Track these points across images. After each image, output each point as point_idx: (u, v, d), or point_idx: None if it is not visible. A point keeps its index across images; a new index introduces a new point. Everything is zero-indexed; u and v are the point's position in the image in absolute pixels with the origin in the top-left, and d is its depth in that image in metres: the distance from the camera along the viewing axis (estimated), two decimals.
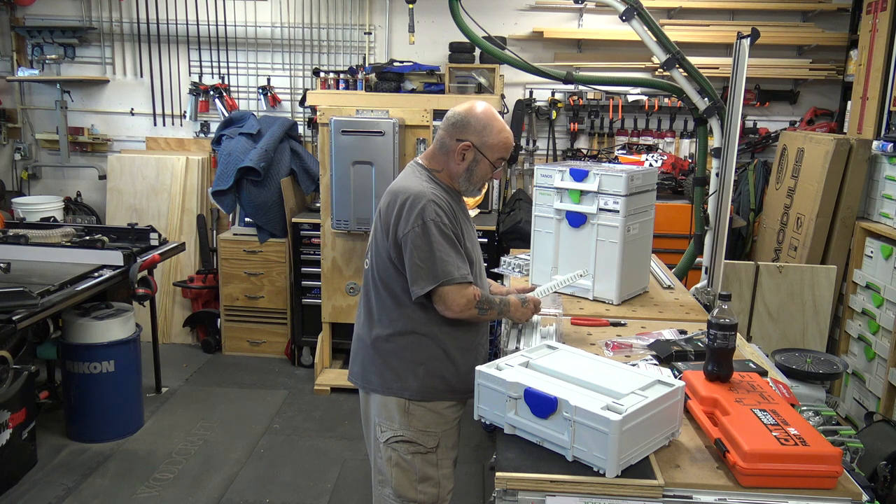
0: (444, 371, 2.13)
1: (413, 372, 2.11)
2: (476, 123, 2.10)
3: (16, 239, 3.72)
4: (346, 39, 5.16)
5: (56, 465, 3.48)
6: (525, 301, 2.27)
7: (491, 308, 2.13)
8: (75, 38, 5.22)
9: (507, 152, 2.15)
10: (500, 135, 2.11)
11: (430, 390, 2.13)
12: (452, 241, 2.04)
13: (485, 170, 2.13)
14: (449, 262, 2.02)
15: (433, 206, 2.03)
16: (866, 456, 2.66)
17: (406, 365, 2.12)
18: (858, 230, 4.07)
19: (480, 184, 2.18)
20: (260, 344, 4.95)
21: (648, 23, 3.14)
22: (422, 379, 2.11)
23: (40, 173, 5.54)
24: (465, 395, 2.19)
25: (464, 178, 2.14)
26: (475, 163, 2.11)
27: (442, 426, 2.16)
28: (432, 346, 2.11)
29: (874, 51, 4.25)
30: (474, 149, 2.10)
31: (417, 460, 2.13)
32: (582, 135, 5.11)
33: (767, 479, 1.51)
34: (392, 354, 2.13)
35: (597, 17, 4.98)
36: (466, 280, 2.04)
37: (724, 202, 3.05)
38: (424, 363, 2.11)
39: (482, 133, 2.09)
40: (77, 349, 3.60)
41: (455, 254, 2.04)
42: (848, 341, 4.18)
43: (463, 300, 2.04)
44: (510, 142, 2.14)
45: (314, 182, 4.91)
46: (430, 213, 2.02)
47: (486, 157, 2.11)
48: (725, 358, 1.86)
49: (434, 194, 2.06)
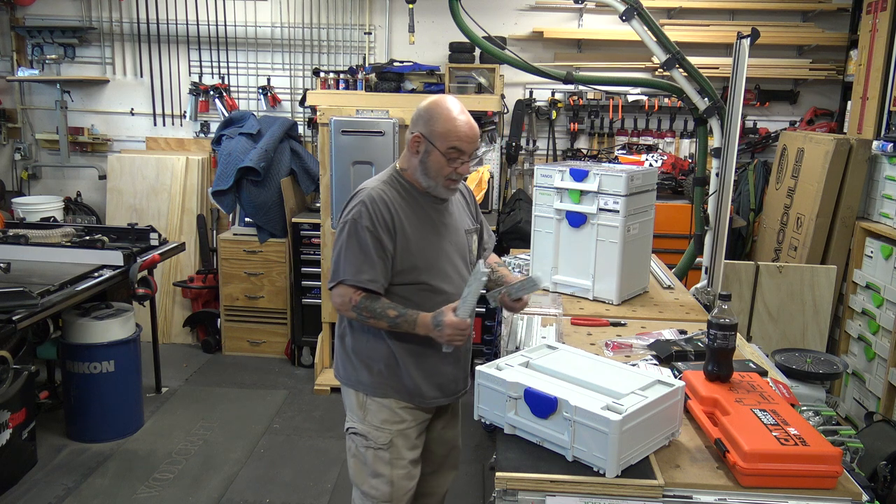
0: (396, 371, 2.12)
1: (367, 367, 2.13)
2: (425, 114, 2.05)
3: (16, 239, 3.72)
4: (346, 39, 5.16)
5: (56, 465, 3.48)
6: (439, 324, 1.96)
7: (373, 317, 2.02)
8: (75, 38, 5.22)
9: (457, 141, 2.02)
10: (447, 123, 2.02)
11: (383, 387, 2.13)
12: (364, 243, 2.00)
13: (437, 161, 2.04)
14: (349, 264, 2.01)
15: (361, 205, 2.02)
16: (866, 456, 2.66)
17: (361, 360, 2.14)
18: (858, 230, 4.07)
19: (441, 179, 2.07)
20: (260, 344, 4.95)
21: (648, 23, 3.14)
22: (376, 375, 2.13)
23: (40, 173, 5.54)
24: (419, 400, 2.14)
25: (420, 171, 2.08)
26: (427, 154, 2.05)
27: (397, 425, 2.14)
28: (382, 345, 2.11)
29: (874, 51, 4.25)
30: (425, 140, 2.04)
31: (370, 455, 2.14)
32: (582, 135, 5.11)
33: (767, 479, 1.51)
34: (350, 348, 2.17)
35: (597, 17, 4.98)
36: (361, 286, 2.00)
37: (724, 202, 3.05)
38: (378, 361, 2.12)
39: (429, 122, 2.03)
40: (77, 349, 3.60)
41: (360, 256, 2.00)
42: (848, 341, 4.18)
43: (339, 299, 2.04)
44: (459, 130, 2.02)
45: (314, 182, 4.91)
46: (355, 211, 2.03)
47: (436, 146, 2.02)
48: (725, 358, 1.86)
49: (374, 192, 2.04)
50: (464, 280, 2.12)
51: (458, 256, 2.18)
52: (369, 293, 2.02)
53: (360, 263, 2.01)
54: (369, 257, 2.01)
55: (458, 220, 2.21)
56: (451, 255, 2.15)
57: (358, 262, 2.01)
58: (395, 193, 2.08)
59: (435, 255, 2.11)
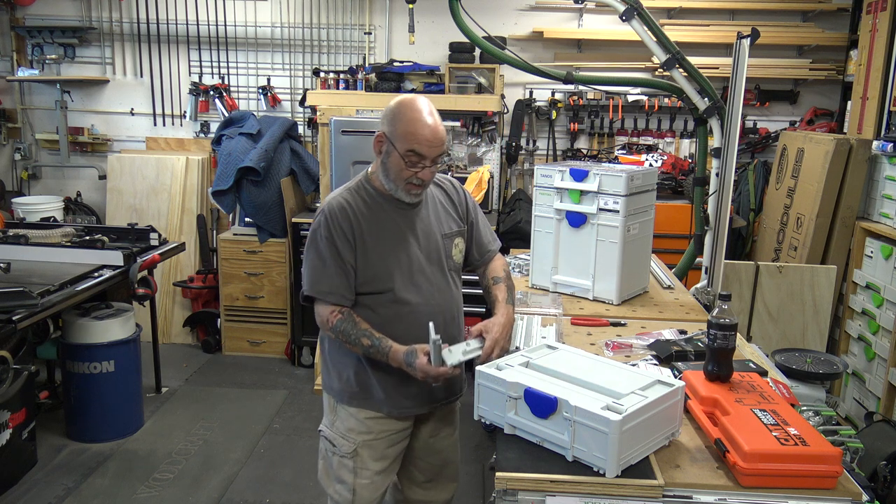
0: (365, 381, 2.07)
1: (339, 374, 2.10)
2: (388, 113, 1.97)
3: (16, 239, 3.72)
4: (346, 39, 5.16)
5: (56, 465, 3.48)
6: (411, 365, 1.90)
7: (348, 342, 1.98)
8: (75, 38, 5.22)
9: (416, 143, 1.91)
10: (409, 124, 1.91)
11: (352, 396, 2.09)
12: (321, 255, 1.97)
13: (396, 163, 1.95)
14: (315, 276, 1.98)
15: (321, 215, 1.99)
16: (866, 456, 2.66)
17: (335, 366, 2.12)
18: (858, 230, 4.07)
19: (401, 182, 1.97)
20: (260, 344, 4.95)
21: (648, 23, 3.14)
22: (345, 383, 2.09)
23: (40, 173, 5.54)
24: (389, 410, 2.08)
25: (381, 172, 2.00)
26: (387, 155, 1.97)
27: (363, 435, 2.09)
28: (352, 354, 2.05)
29: (874, 51, 4.25)
30: (387, 140, 1.96)
31: (335, 461, 2.13)
32: (582, 135, 5.11)
33: (767, 479, 1.51)
34: (328, 353, 2.14)
35: (597, 17, 4.98)
36: (323, 297, 1.97)
37: (724, 202, 3.05)
38: (349, 368, 2.08)
39: (392, 121, 1.94)
40: (77, 349, 3.60)
41: (319, 268, 1.97)
42: (848, 341, 4.18)
43: (318, 318, 2.01)
44: (420, 133, 1.90)
45: (314, 182, 4.91)
46: (315, 222, 2.00)
47: (395, 147, 1.93)
48: (725, 358, 1.85)
49: (334, 202, 1.99)
50: (438, 289, 2.06)
51: (430, 264, 2.07)
52: (346, 316, 1.97)
53: (317, 275, 1.98)
54: (326, 268, 1.97)
55: (432, 225, 2.10)
56: (420, 263, 2.04)
57: (315, 273, 1.98)
58: (359, 200, 2.01)
59: (399, 263, 2.01)
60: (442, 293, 2.09)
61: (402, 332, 1.98)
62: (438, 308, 2.07)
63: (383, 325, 1.98)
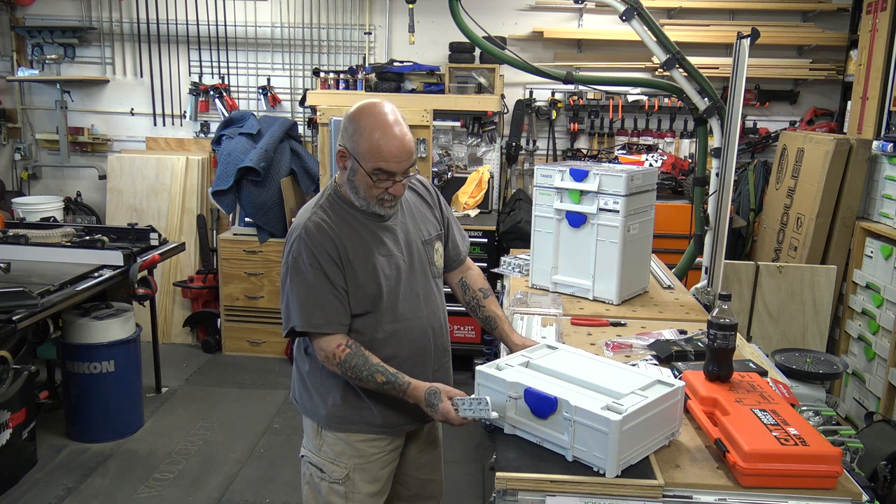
0: (356, 404, 1.93)
1: (324, 399, 1.95)
2: (350, 125, 1.80)
3: (16, 239, 3.72)
4: (346, 39, 5.16)
5: (56, 465, 3.48)
6: (433, 406, 1.76)
7: (359, 379, 1.82)
8: (75, 38, 5.22)
9: (382, 161, 1.76)
10: (370, 138, 1.76)
11: (341, 420, 1.94)
12: (309, 283, 1.80)
13: (364, 181, 1.80)
14: (297, 309, 1.81)
15: (299, 240, 1.82)
16: (866, 456, 2.66)
17: (318, 390, 1.96)
18: (858, 230, 4.07)
19: (372, 199, 1.83)
20: (260, 344, 4.95)
21: (648, 23, 3.14)
22: (331, 408, 1.94)
23: (40, 173, 5.54)
24: (385, 430, 1.97)
25: (349, 189, 1.85)
26: (353, 172, 1.82)
27: (354, 459, 1.96)
28: (341, 378, 1.89)
29: (874, 51, 4.25)
30: (350, 155, 1.80)
31: (324, 487, 1.99)
32: (582, 135, 5.11)
33: (767, 479, 1.51)
34: (308, 376, 1.98)
35: (597, 17, 4.98)
36: (319, 329, 1.81)
37: (724, 202, 3.05)
38: (335, 392, 1.93)
39: (353, 135, 1.78)
40: (77, 349, 3.60)
41: (309, 298, 1.80)
42: (848, 341, 4.18)
43: (322, 353, 1.83)
44: (385, 149, 1.75)
45: (314, 182, 4.91)
46: (294, 249, 1.82)
47: (361, 165, 1.78)
48: (725, 358, 1.85)
49: (310, 223, 1.82)
50: (425, 300, 1.96)
51: (415, 275, 1.96)
52: (355, 350, 1.82)
53: (309, 307, 1.80)
54: (318, 297, 1.80)
55: (411, 233, 1.97)
56: (406, 275, 1.93)
57: (307, 305, 1.80)
58: (334, 216, 1.86)
59: (387, 279, 1.88)
60: (429, 303, 1.99)
61: (394, 351, 1.90)
62: (428, 320, 1.99)
63: (374, 346, 1.87)
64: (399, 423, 1.99)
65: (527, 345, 2.02)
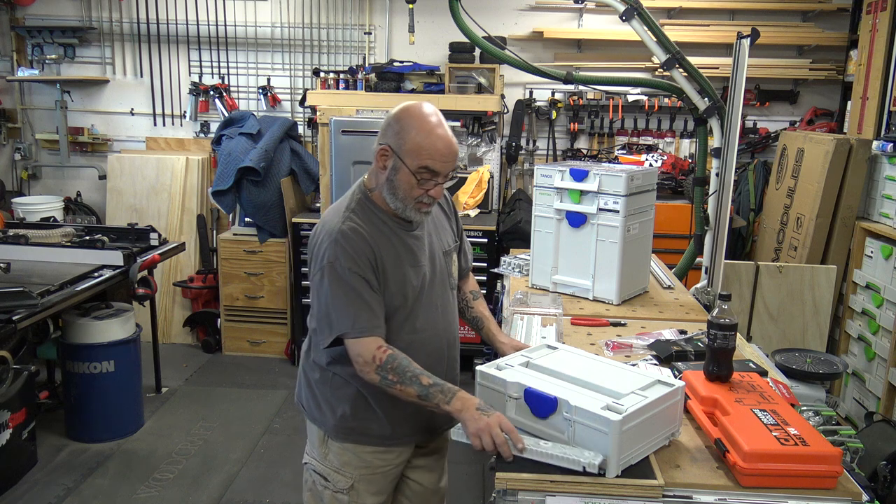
0: (366, 416, 1.89)
1: (332, 409, 1.90)
2: (395, 123, 1.76)
3: (16, 239, 3.72)
4: (346, 39, 5.16)
5: (56, 465, 3.48)
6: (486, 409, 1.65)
7: (405, 383, 1.71)
8: (75, 38, 5.22)
9: (429, 159, 1.73)
10: (419, 136, 1.73)
11: (349, 432, 1.90)
12: (351, 287, 1.74)
13: (407, 181, 1.76)
14: (342, 314, 1.74)
15: (336, 246, 1.75)
16: (866, 456, 2.66)
17: (327, 400, 1.92)
18: (858, 230, 4.07)
19: (410, 200, 1.79)
20: (260, 344, 4.95)
21: (648, 23, 3.14)
22: (340, 419, 1.89)
23: (40, 173, 5.54)
24: (394, 442, 1.93)
25: (387, 191, 1.80)
26: (394, 171, 1.76)
27: (360, 469, 1.92)
28: (353, 389, 1.86)
29: (874, 51, 4.25)
30: (393, 154, 1.76)
31: (327, 495, 1.95)
32: (582, 135, 5.11)
33: (767, 479, 1.51)
34: (317, 385, 1.94)
35: (597, 17, 4.98)
36: (365, 334, 1.74)
37: (724, 202, 3.05)
38: (344, 404, 1.88)
39: (400, 133, 1.74)
40: (77, 349, 3.60)
41: (354, 302, 1.74)
42: (848, 341, 4.18)
43: (360, 360, 1.75)
44: (435, 147, 1.73)
45: (314, 182, 4.91)
46: (330, 254, 1.75)
47: (405, 163, 1.74)
48: (725, 358, 1.85)
49: (345, 231, 1.76)
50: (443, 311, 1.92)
51: (437, 285, 1.93)
52: (395, 351, 1.75)
53: (353, 310, 1.74)
54: (363, 300, 1.75)
55: (434, 244, 1.95)
56: (431, 285, 1.90)
57: (351, 308, 1.74)
58: (366, 222, 1.80)
59: (414, 289, 1.85)
60: (446, 315, 1.97)
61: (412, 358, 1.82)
62: (444, 333, 1.96)
63: None
64: (409, 434, 1.96)
65: (513, 344, 2.03)
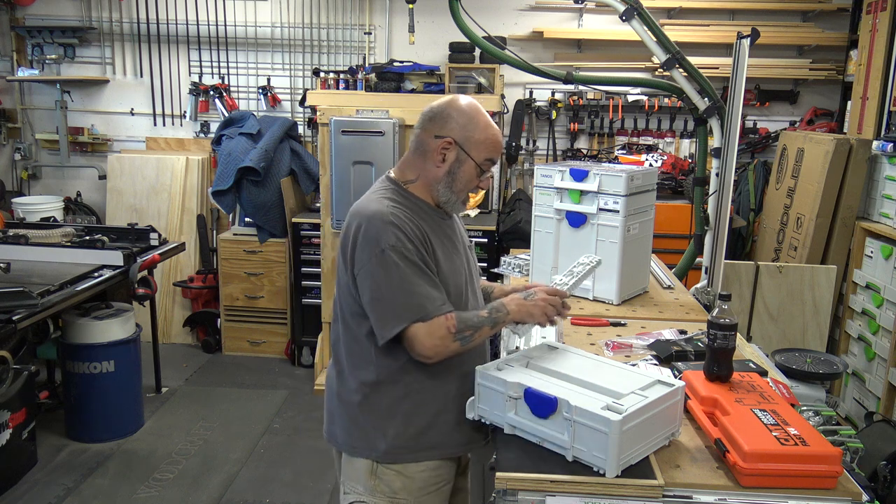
0: (421, 426, 1.80)
1: (383, 431, 1.79)
2: (459, 116, 1.78)
3: (16, 239, 3.72)
4: (346, 39, 5.16)
5: (56, 465, 3.48)
6: (529, 293, 1.83)
7: (478, 328, 1.74)
8: (75, 38, 5.22)
9: (496, 152, 1.82)
10: (487, 130, 1.79)
11: (402, 451, 1.80)
12: (420, 267, 1.71)
13: (469, 173, 1.79)
14: (421, 295, 1.69)
15: (392, 229, 1.69)
16: (866, 456, 2.66)
17: (375, 424, 1.80)
18: (858, 230, 4.07)
19: (464, 193, 1.83)
20: (260, 344, 4.95)
21: (648, 23, 3.14)
22: (392, 439, 1.79)
23: (40, 173, 5.54)
24: (452, 449, 1.87)
25: (444, 184, 1.80)
26: (458, 164, 1.78)
27: (415, 493, 1.82)
28: (407, 399, 1.79)
29: (874, 51, 4.25)
30: (457, 146, 1.77)
31: None
32: (582, 135, 5.11)
33: (767, 479, 1.51)
34: (361, 411, 1.81)
35: (597, 17, 4.98)
36: (442, 311, 1.70)
37: (724, 202, 3.05)
38: (397, 420, 1.79)
39: (466, 127, 1.77)
40: (77, 349, 3.60)
41: (427, 282, 1.71)
42: (848, 341, 4.18)
43: (436, 339, 1.69)
44: (499, 140, 1.83)
45: (314, 182, 4.91)
46: (390, 237, 1.68)
47: (471, 156, 1.78)
48: (725, 358, 1.85)
49: (394, 214, 1.71)
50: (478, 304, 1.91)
51: (473, 279, 1.93)
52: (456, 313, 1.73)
53: (430, 290, 1.70)
54: (431, 280, 1.72)
55: (463, 236, 1.97)
56: (469, 278, 1.90)
57: (428, 289, 1.70)
58: (406, 209, 1.77)
59: (459, 279, 1.85)
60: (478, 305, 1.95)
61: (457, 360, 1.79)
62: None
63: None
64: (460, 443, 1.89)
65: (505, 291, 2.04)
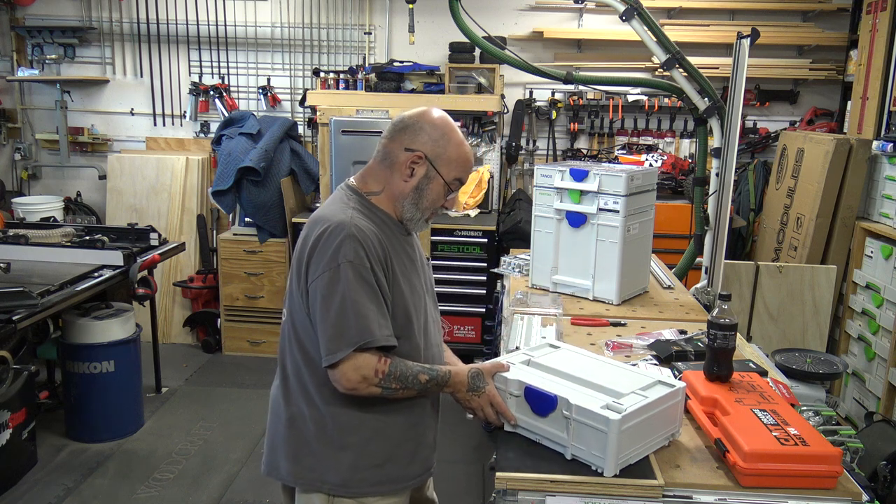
0: (378, 456, 1.69)
1: (338, 458, 1.67)
2: (432, 131, 1.67)
3: (16, 239, 3.72)
4: (346, 39, 5.16)
5: (56, 465, 3.48)
6: (477, 387, 1.68)
7: (407, 386, 1.61)
8: (75, 38, 5.22)
9: (465, 172, 1.72)
10: (460, 148, 1.69)
11: (359, 482, 1.68)
12: (374, 290, 1.59)
13: (437, 192, 1.69)
14: (369, 319, 1.56)
15: (353, 243, 1.57)
16: (866, 456, 2.66)
17: (327, 450, 1.68)
18: (858, 230, 4.07)
19: (429, 211, 1.72)
20: (260, 344, 4.95)
21: (648, 23, 3.14)
22: (345, 470, 1.67)
23: (40, 173, 5.54)
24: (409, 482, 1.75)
25: (410, 200, 1.69)
26: (426, 180, 1.68)
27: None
28: (363, 425, 1.67)
29: (874, 51, 4.25)
30: (427, 162, 1.67)
31: None
32: (582, 135, 5.11)
33: (767, 479, 1.51)
34: (315, 436, 1.68)
35: (597, 17, 4.98)
36: (388, 343, 1.59)
37: (724, 202, 3.05)
38: (352, 447, 1.67)
39: (438, 142, 1.67)
40: (77, 349, 3.60)
41: (376, 308, 1.58)
42: (848, 341, 4.18)
43: (358, 375, 1.56)
44: (470, 160, 1.73)
45: (314, 182, 4.91)
46: (349, 252, 1.56)
47: (441, 174, 1.68)
48: (725, 358, 1.85)
49: (358, 227, 1.60)
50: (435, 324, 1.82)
51: (429, 296, 1.83)
52: (393, 358, 1.61)
53: (376, 316, 1.57)
54: (381, 306, 1.60)
55: (422, 253, 1.86)
56: (425, 296, 1.79)
57: (374, 314, 1.57)
58: (374, 225, 1.66)
59: (419, 301, 1.73)
60: (437, 328, 1.86)
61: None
62: (437, 349, 1.83)
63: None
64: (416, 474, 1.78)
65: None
